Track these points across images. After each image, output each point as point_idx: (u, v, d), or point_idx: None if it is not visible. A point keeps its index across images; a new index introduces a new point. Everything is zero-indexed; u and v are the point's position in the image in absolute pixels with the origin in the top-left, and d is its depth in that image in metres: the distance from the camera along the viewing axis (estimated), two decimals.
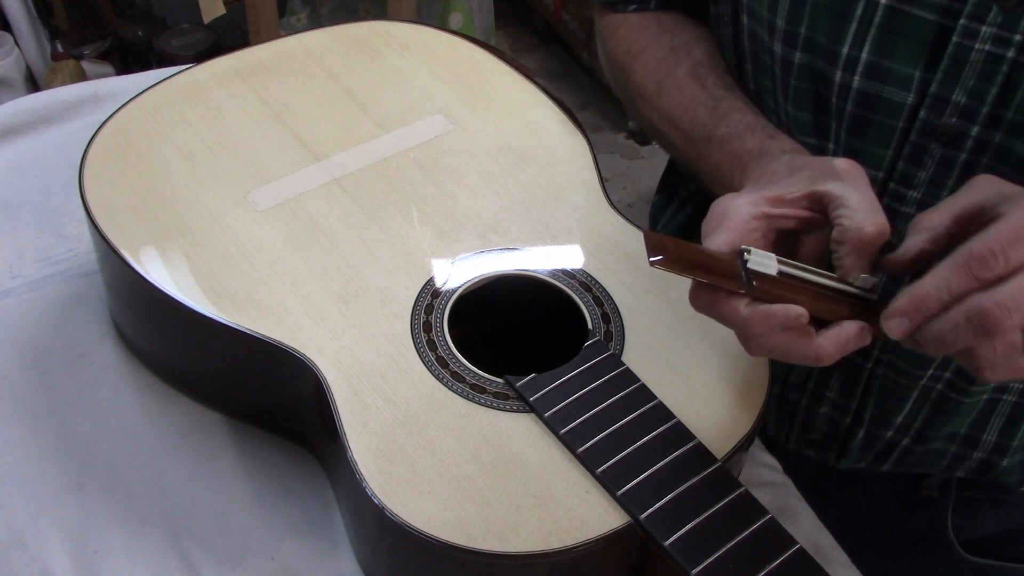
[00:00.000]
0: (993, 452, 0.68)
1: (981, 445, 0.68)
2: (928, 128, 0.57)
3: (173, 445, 0.64)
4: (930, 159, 0.58)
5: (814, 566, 0.49)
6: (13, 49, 1.93)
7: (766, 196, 0.52)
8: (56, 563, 0.58)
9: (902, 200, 0.60)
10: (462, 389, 0.56)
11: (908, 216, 0.60)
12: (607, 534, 0.50)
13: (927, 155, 0.58)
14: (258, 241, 0.63)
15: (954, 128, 0.57)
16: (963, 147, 0.57)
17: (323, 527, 0.61)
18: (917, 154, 0.58)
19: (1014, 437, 0.67)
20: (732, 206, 0.51)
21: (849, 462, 0.73)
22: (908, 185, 0.59)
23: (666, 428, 0.54)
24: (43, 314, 0.71)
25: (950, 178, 0.58)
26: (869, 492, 0.75)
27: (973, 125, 0.56)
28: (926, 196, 0.59)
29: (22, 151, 0.83)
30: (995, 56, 0.54)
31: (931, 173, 0.59)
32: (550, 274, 0.63)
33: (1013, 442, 0.68)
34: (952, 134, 0.57)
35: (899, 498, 0.76)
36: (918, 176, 0.59)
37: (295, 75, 0.76)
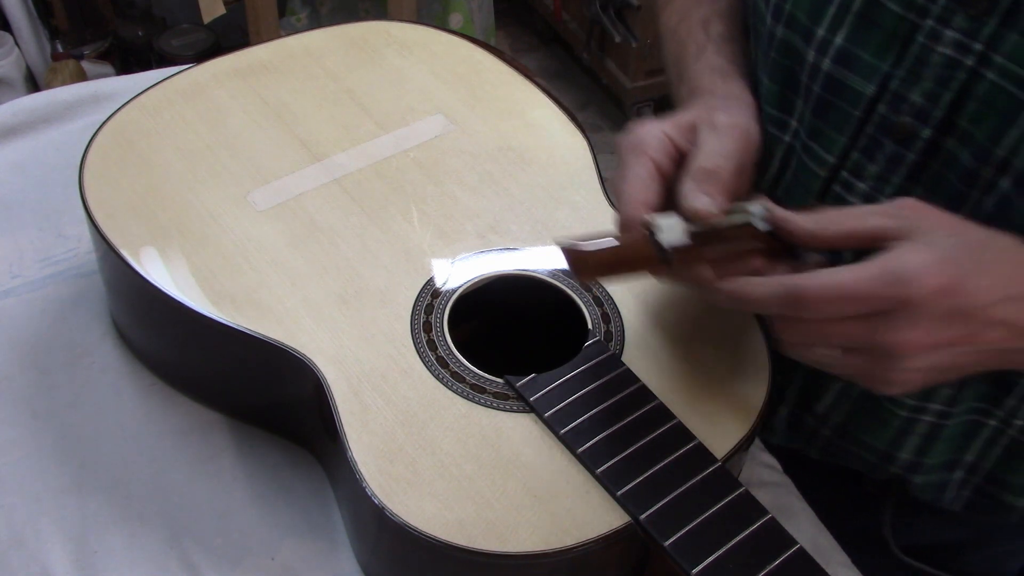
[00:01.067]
0: (908, 469, 0.67)
1: (897, 461, 0.67)
2: (884, 123, 0.57)
3: (173, 445, 0.64)
4: (881, 154, 0.58)
5: (814, 566, 0.49)
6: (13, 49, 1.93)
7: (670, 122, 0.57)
8: (56, 563, 0.58)
9: (850, 190, 0.60)
10: (462, 389, 0.56)
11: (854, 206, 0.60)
12: (607, 534, 0.50)
13: (879, 150, 0.58)
14: (258, 241, 0.63)
15: (908, 127, 0.56)
16: (913, 147, 0.57)
17: (323, 527, 0.61)
18: (870, 147, 0.59)
19: (927, 455, 0.66)
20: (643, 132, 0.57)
21: (777, 439, 0.73)
22: (858, 176, 0.60)
23: (666, 428, 0.54)
24: (43, 314, 0.71)
25: (897, 176, 0.58)
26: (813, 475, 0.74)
27: (925, 127, 0.56)
28: (872, 190, 0.59)
29: (22, 151, 0.83)
30: (954, 62, 0.53)
31: (880, 168, 0.59)
32: (550, 274, 0.63)
33: (927, 460, 0.67)
34: (905, 133, 0.57)
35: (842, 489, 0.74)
36: (868, 169, 0.59)
37: (295, 75, 0.76)
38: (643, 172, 0.55)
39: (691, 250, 0.51)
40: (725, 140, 0.56)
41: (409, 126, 0.73)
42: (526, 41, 2.57)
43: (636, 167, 0.56)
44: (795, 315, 0.49)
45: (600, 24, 2.20)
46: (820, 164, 0.61)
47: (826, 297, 0.48)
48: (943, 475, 0.68)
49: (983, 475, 0.67)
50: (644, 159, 0.55)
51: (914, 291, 0.47)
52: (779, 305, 0.49)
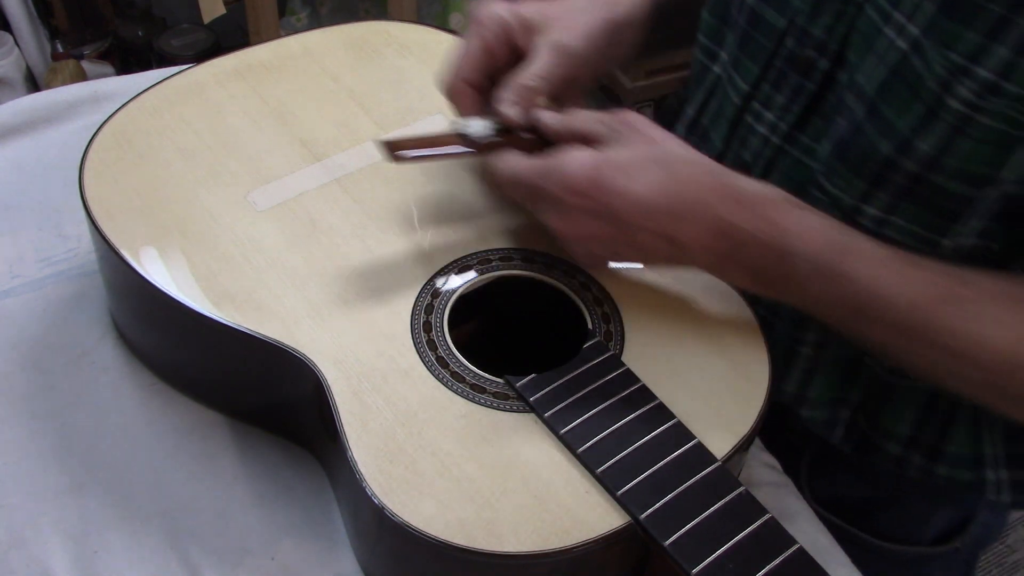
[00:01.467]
0: (794, 401, 0.70)
1: (783, 393, 0.70)
2: (791, 56, 0.63)
3: (173, 445, 0.64)
4: (787, 86, 0.64)
5: (814, 566, 0.49)
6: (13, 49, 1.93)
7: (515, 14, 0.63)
8: (56, 563, 0.58)
9: (759, 119, 0.66)
10: (462, 389, 0.56)
11: (761, 135, 0.66)
12: (607, 534, 0.50)
13: (785, 81, 0.64)
14: (258, 241, 0.63)
15: (809, 59, 0.62)
16: (813, 79, 0.62)
17: (323, 527, 0.61)
18: (778, 79, 0.64)
19: (810, 388, 0.69)
20: (487, 14, 0.63)
21: None
22: (766, 106, 0.65)
23: (666, 428, 0.54)
24: (43, 314, 0.71)
25: (797, 105, 0.63)
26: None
27: (823, 59, 0.61)
28: (778, 120, 0.65)
29: (22, 151, 0.83)
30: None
31: (785, 99, 0.64)
32: (550, 274, 0.63)
33: (810, 394, 0.69)
34: (807, 65, 0.62)
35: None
36: (775, 99, 0.64)
37: (295, 75, 0.76)
38: (475, 50, 0.63)
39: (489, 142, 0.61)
40: (553, 64, 0.62)
41: (409, 126, 0.73)
42: None
43: (471, 42, 0.63)
44: (497, 189, 0.60)
45: None
46: (737, 93, 0.67)
47: (504, 179, 0.58)
48: (830, 412, 0.70)
49: (865, 415, 0.69)
50: (479, 39, 0.63)
51: (552, 184, 0.56)
52: (491, 178, 0.60)
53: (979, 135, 0.53)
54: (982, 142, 0.54)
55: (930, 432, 0.68)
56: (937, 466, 0.68)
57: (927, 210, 0.58)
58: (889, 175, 0.58)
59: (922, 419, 0.67)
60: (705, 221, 0.55)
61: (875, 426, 0.69)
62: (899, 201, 0.59)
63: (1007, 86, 0.51)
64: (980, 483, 0.68)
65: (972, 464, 0.68)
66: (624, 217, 0.55)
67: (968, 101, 0.52)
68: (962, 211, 0.57)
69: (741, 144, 0.68)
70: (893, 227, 0.60)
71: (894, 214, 0.60)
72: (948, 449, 0.67)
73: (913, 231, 0.60)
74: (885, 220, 0.60)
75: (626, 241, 0.57)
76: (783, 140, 0.65)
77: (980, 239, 0.59)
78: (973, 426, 0.67)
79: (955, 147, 0.55)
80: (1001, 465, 0.67)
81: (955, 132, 0.54)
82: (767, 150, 0.66)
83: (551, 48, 0.62)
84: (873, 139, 0.58)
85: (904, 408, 0.68)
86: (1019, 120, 0.52)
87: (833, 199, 0.62)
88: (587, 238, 0.57)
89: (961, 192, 0.56)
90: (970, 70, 0.52)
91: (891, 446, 0.69)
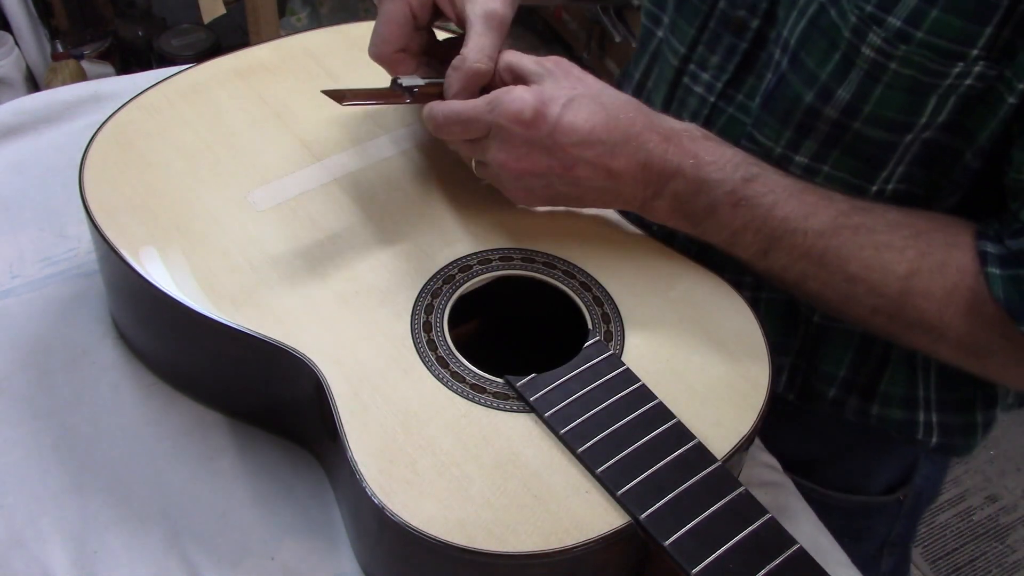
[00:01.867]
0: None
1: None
2: (723, 17, 0.66)
3: (173, 445, 0.64)
4: (721, 46, 0.67)
5: (814, 566, 0.49)
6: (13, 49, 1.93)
7: None
8: (56, 563, 0.58)
9: (696, 80, 0.69)
10: (462, 389, 0.56)
11: (698, 95, 0.69)
12: (607, 534, 0.50)
13: (719, 42, 0.67)
14: (258, 241, 0.63)
15: (740, 19, 0.65)
16: (745, 38, 0.65)
17: (323, 527, 0.61)
18: (712, 40, 0.67)
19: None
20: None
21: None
22: (703, 67, 0.68)
23: (666, 428, 0.54)
24: (43, 314, 0.71)
25: (731, 64, 0.67)
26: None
27: (755, 18, 0.65)
28: (712, 79, 0.68)
29: (22, 151, 0.83)
30: None
31: (720, 58, 0.67)
32: (550, 274, 0.63)
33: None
34: (739, 24, 0.65)
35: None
36: (711, 60, 0.68)
37: (295, 75, 0.76)
38: (401, 18, 0.65)
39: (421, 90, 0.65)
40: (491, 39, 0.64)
41: (409, 126, 0.73)
42: (526, 41, 2.57)
43: (396, 9, 0.65)
44: (436, 133, 0.62)
45: (600, 24, 2.20)
46: (675, 55, 0.70)
47: (447, 119, 0.61)
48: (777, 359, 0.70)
49: (807, 361, 0.73)
50: (404, 5, 0.65)
51: (499, 116, 0.58)
52: (426, 123, 0.63)
53: (893, 82, 0.57)
54: (896, 89, 0.57)
55: (865, 373, 0.71)
56: (871, 406, 0.71)
57: (852, 157, 0.62)
58: (813, 123, 0.62)
59: (858, 361, 0.71)
60: (637, 154, 0.59)
61: (815, 370, 0.72)
62: (825, 149, 0.62)
63: (916, 33, 0.54)
64: (911, 424, 0.71)
65: (904, 404, 0.71)
66: (565, 147, 0.58)
67: (880, 49, 0.56)
68: (885, 158, 0.61)
69: (680, 105, 0.71)
70: (822, 175, 0.64)
71: (822, 162, 0.63)
72: (881, 389, 0.71)
73: (841, 178, 0.63)
74: (814, 168, 0.64)
75: (563, 174, 0.60)
76: (718, 98, 0.68)
77: (903, 184, 0.63)
78: (907, 368, 0.70)
79: (871, 94, 0.58)
80: (932, 408, 0.70)
81: (870, 79, 0.57)
82: (704, 109, 0.69)
83: (485, 20, 0.64)
84: (797, 89, 0.61)
85: (841, 351, 0.71)
86: (929, 67, 0.55)
87: (764, 149, 0.65)
88: (527, 172, 0.60)
89: (881, 139, 0.60)
90: (881, 19, 0.55)
91: (829, 390, 0.72)
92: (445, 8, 0.66)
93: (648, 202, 0.61)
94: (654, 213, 0.62)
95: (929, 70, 0.55)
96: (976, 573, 1.67)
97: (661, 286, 0.63)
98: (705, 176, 0.60)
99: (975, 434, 0.72)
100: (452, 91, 0.64)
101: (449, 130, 0.61)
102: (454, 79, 0.63)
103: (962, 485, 1.80)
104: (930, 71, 0.55)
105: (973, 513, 1.75)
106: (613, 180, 0.60)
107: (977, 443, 0.73)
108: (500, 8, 0.65)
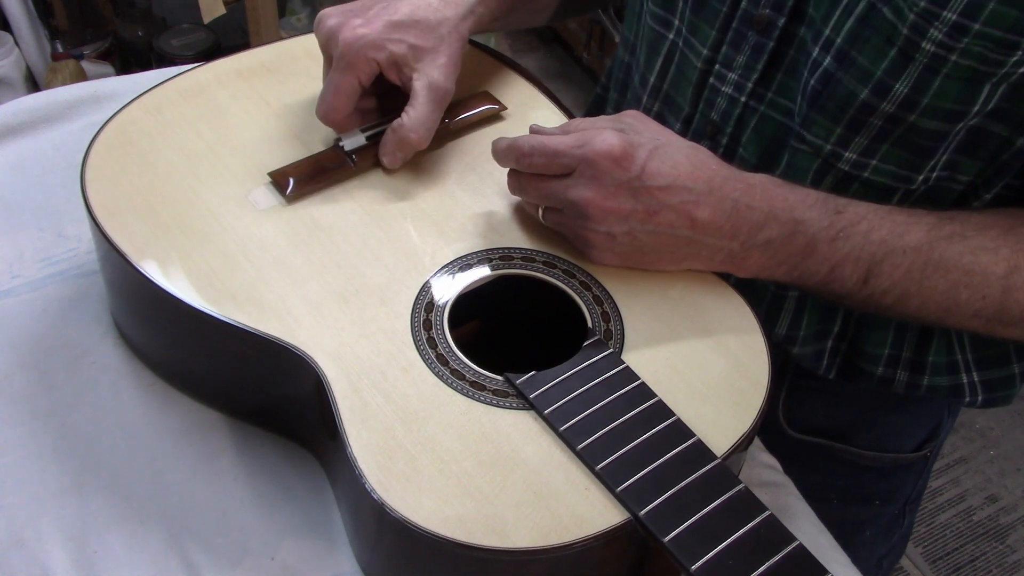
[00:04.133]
0: (786, 342, 0.74)
1: (775, 336, 0.74)
2: (746, 16, 0.66)
3: (173, 445, 0.64)
4: (746, 44, 0.67)
5: (813, 562, 0.49)
6: (13, 49, 1.93)
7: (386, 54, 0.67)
8: (56, 563, 0.58)
9: (723, 80, 0.69)
10: (462, 386, 0.56)
11: (727, 95, 0.69)
12: (607, 531, 0.50)
13: (744, 41, 0.67)
14: (259, 240, 0.63)
15: (766, 18, 0.65)
16: (772, 36, 0.65)
17: (323, 527, 0.61)
18: (737, 39, 0.67)
19: (800, 328, 0.74)
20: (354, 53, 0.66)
21: None
22: (728, 67, 0.68)
23: (666, 425, 0.54)
24: (43, 314, 0.71)
25: (760, 63, 0.67)
26: None
27: (780, 16, 0.65)
28: (740, 78, 0.68)
29: (22, 151, 0.83)
30: None
31: (746, 57, 0.67)
32: (550, 273, 0.64)
33: (800, 333, 0.74)
34: (764, 23, 0.65)
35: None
36: (736, 60, 0.68)
37: (296, 76, 0.76)
38: (349, 89, 0.67)
39: (366, 148, 0.69)
40: (433, 110, 0.67)
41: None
42: (526, 41, 2.57)
43: (344, 80, 0.67)
44: (515, 165, 0.62)
45: (600, 24, 2.20)
46: (697, 57, 0.70)
47: (534, 149, 0.61)
48: (817, 345, 0.74)
49: (847, 343, 0.74)
50: (353, 77, 0.67)
51: (589, 151, 0.58)
52: (504, 154, 0.63)
53: (952, 73, 0.58)
54: (955, 79, 0.58)
55: (909, 349, 0.73)
56: (921, 378, 0.74)
57: (903, 149, 0.62)
58: (867, 119, 0.62)
59: (899, 339, 0.72)
60: (723, 203, 0.59)
61: (859, 352, 0.74)
62: (876, 143, 0.63)
63: (973, 25, 0.55)
64: (958, 388, 0.74)
65: (947, 371, 0.73)
66: (652, 190, 0.58)
67: (940, 42, 0.57)
68: (935, 147, 0.62)
69: (708, 105, 0.71)
70: (870, 169, 0.64)
71: (871, 157, 0.64)
72: (927, 360, 0.73)
73: (889, 171, 0.64)
74: (863, 163, 0.64)
75: (647, 219, 0.59)
76: (748, 97, 0.68)
77: (945, 171, 0.64)
78: (945, 337, 0.72)
79: (930, 87, 0.59)
80: (972, 368, 0.74)
81: (929, 72, 0.58)
82: (735, 109, 0.69)
83: (428, 92, 0.67)
84: (849, 86, 0.61)
85: (883, 331, 0.72)
86: (987, 56, 0.56)
87: (814, 148, 0.65)
88: (612, 211, 0.59)
89: (935, 129, 0.61)
90: (938, 14, 0.56)
91: (876, 368, 0.73)
92: (391, 76, 0.68)
93: (737, 255, 0.61)
94: (745, 265, 0.62)
95: (988, 59, 0.56)
96: (976, 573, 1.67)
97: (661, 285, 0.63)
98: (799, 216, 0.60)
99: (1014, 384, 0.75)
100: (385, 151, 0.68)
101: (531, 161, 0.61)
102: (390, 140, 0.67)
103: (962, 485, 1.80)
104: (989, 60, 0.56)
105: (973, 513, 1.75)
106: (696, 230, 0.59)
107: (1016, 391, 0.76)
108: (444, 82, 0.67)
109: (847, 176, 0.65)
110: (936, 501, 1.77)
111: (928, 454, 0.85)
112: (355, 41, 0.66)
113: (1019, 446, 1.86)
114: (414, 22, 0.67)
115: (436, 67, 0.67)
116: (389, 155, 0.68)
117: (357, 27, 0.66)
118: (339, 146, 0.69)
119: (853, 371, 0.75)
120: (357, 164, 0.68)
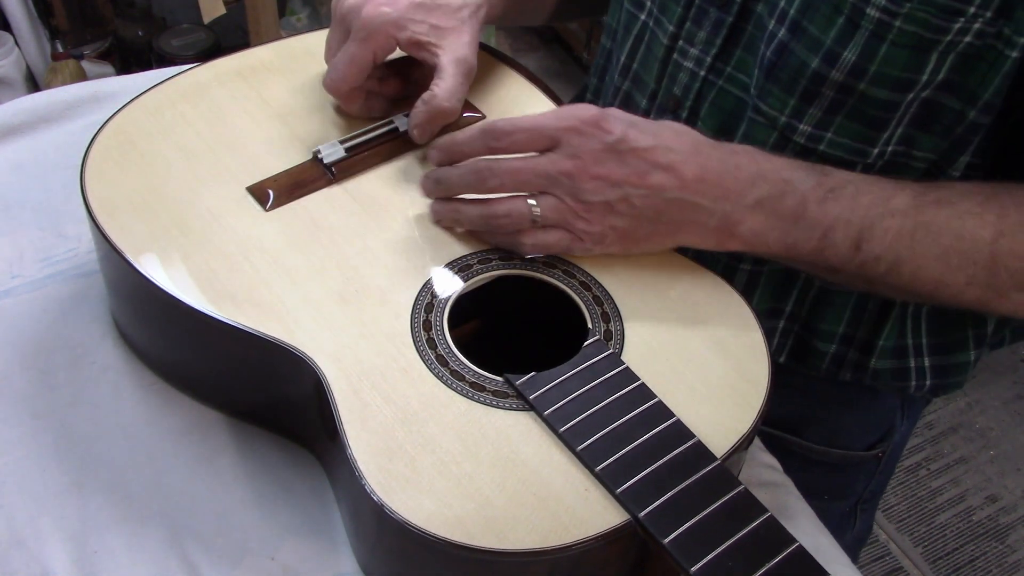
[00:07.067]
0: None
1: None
2: None
3: (173, 445, 0.64)
4: (707, 20, 0.69)
5: (813, 564, 0.49)
6: (13, 49, 1.93)
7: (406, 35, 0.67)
8: (56, 563, 0.58)
9: (685, 55, 0.71)
10: (461, 387, 0.56)
11: (688, 70, 0.71)
12: (606, 532, 0.50)
13: (705, 17, 0.69)
14: (259, 240, 0.63)
15: None
16: (731, 11, 0.67)
17: (323, 527, 0.61)
18: (699, 15, 0.69)
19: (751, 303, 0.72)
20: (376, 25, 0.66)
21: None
22: (691, 43, 0.70)
23: (666, 426, 0.54)
24: (43, 314, 0.71)
25: (719, 37, 0.68)
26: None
27: None
28: (701, 53, 0.70)
29: (22, 151, 0.83)
30: None
31: (707, 33, 0.69)
32: (550, 274, 0.64)
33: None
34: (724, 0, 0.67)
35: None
36: (698, 35, 0.69)
37: (297, 75, 0.76)
38: (363, 61, 0.67)
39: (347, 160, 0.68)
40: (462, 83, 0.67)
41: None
42: (526, 41, 2.57)
43: (360, 51, 0.67)
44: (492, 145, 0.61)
45: (600, 24, 2.20)
46: (664, 34, 0.72)
47: (515, 128, 0.60)
48: (768, 323, 0.74)
49: (800, 323, 0.75)
50: (369, 51, 0.67)
51: (573, 120, 0.59)
52: (476, 138, 0.62)
53: (897, 39, 0.59)
54: (900, 46, 0.59)
55: (864, 329, 0.74)
56: (869, 359, 0.74)
57: (856, 121, 0.63)
58: (819, 89, 0.63)
59: (856, 317, 0.74)
60: (709, 160, 0.60)
61: (812, 330, 0.74)
62: (829, 116, 0.64)
63: None
64: (903, 371, 0.75)
65: (894, 355, 0.74)
66: (637, 151, 0.59)
67: (884, 7, 0.58)
68: (887, 118, 0.63)
69: (671, 80, 0.72)
70: (825, 142, 0.65)
71: (825, 129, 0.64)
72: (878, 343, 0.74)
73: (844, 144, 0.65)
74: (817, 136, 0.65)
75: (639, 183, 0.59)
76: (707, 71, 0.70)
77: (900, 146, 0.64)
78: (899, 321, 0.73)
79: (877, 53, 0.60)
80: (925, 353, 0.74)
81: (875, 38, 0.59)
82: (695, 83, 0.71)
83: (456, 65, 0.67)
84: (802, 56, 0.63)
85: (840, 309, 0.73)
86: (931, 22, 0.58)
87: (769, 119, 0.66)
88: (602, 177, 0.59)
89: (885, 99, 0.62)
90: None
91: (829, 347, 0.74)
92: (413, 52, 0.69)
93: (730, 218, 0.61)
94: (738, 232, 0.61)
95: (932, 26, 0.58)
96: (976, 573, 1.67)
97: (661, 285, 0.63)
98: (787, 176, 0.61)
99: (967, 371, 0.75)
100: (416, 122, 0.68)
101: (513, 139, 0.61)
102: (421, 111, 0.67)
103: (962, 485, 1.80)
104: (932, 27, 0.58)
105: (973, 513, 1.75)
106: (687, 190, 0.60)
107: (967, 379, 0.76)
108: (471, 56, 0.68)
109: (804, 149, 0.66)
110: (936, 501, 1.77)
111: (880, 455, 0.85)
112: (377, 17, 0.66)
113: (1019, 446, 1.86)
114: (436, 5, 0.68)
115: (462, 44, 0.68)
116: (420, 127, 0.68)
117: (381, 5, 0.66)
118: (316, 157, 0.68)
119: (804, 351, 0.76)
120: (335, 175, 0.68)
